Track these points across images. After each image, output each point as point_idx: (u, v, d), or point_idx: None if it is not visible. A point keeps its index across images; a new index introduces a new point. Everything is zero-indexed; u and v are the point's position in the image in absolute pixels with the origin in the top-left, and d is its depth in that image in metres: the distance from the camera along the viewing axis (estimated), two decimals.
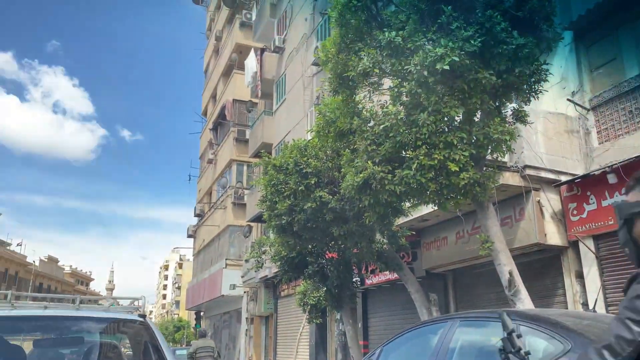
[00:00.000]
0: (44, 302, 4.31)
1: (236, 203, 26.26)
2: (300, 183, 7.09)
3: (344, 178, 6.58)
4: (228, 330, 28.42)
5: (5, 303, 4.07)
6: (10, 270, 65.31)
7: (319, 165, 7.23)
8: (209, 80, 36.49)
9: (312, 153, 7.51)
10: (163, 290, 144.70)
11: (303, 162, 7.22)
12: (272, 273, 19.11)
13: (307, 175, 7.18)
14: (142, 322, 4.11)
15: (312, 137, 7.58)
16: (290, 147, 7.64)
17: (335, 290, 9.26)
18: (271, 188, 7.67)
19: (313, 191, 7.11)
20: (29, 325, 4.13)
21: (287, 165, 7.34)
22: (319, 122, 6.85)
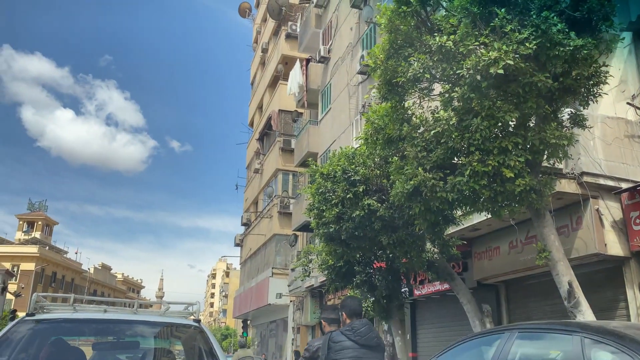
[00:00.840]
0: (104, 306, 4.42)
1: (282, 212, 26.47)
2: (348, 191, 7.05)
3: (392, 186, 6.50)
4: (275, 339, 28.55)
5: (68, 306, 4.20)
6: (67, 277, 68.19)
7: (367, 173, 7.17)
8: (256, 92, 37.12)
9: (359, 161, 7.46)
10: (211, 299, 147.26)
11: (351, 170, 7.17)
12: (319, 282, 19.11)
13: (355, 183, 7.13)
14: (197, 327, 4.16)
15: (360, 145, 7.53)
16: (338, 154, 7.62)
17: (384, 300, 9.13)
18: (319, 196, 7.66)
19: (361, 199, 7.05)
20: (90, 328, 4.20)
21: (335, 173, 7.32)
22: (367, 129, 6.81)
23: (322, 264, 9.45)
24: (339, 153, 7.62)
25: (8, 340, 3.48)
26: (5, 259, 51.00)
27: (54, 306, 4.27)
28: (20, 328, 3.65)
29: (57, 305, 4.34)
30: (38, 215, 69.75)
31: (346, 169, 7.20)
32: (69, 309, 4.16)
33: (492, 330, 4.74)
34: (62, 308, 4.25)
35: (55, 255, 66.16)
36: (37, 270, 57.59)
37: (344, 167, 7.22)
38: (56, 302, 4.75)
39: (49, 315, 3.98)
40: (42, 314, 3.96)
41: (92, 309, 4.45)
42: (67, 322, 3.99)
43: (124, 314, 4.39)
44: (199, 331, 4.14)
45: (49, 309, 4.17)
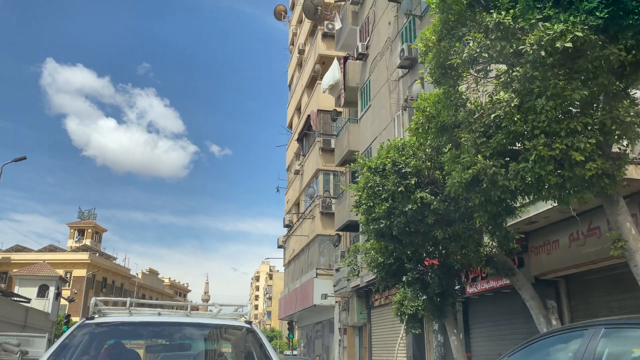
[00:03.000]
0: (158, 309, 4.57)
1: (324, 212, 26.27)
2: (400, 184, 6.72)
3: (446, 177, 6.15)
4: (321, 340, 28.37)
5: (124, 310, 4.32)
6: (116, 282, 70.18)
7: (418, 165, 6.82)
8: (294, 93, 37.13)
9: (409, 152, 7.12)
10: (255, 301, 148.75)
11: (402, 162, 6.84)
12: (365, 282, 18.78)
13: (407, 175, 6.80)
14: (249, 328, 4.21)
15: (410, 136, 7.20)
16: (387, 146, 7.29)
17: (437, 298, 8.75)
18: (367, 191, 7.37)
19: (413, 192, 6.71)
20: (146, 330, 4.31)
21: (384, 166, 7.01)
22: (418, 118, 6.47)
23: (371, 262, 9.14)
24: (388, 145, 7.29)
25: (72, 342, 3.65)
26: (59, 266, 52.87)
27: (110, 310, 4.40)
28: (81, 331, 3.79)
29: (113, 309, 4.48)
30: (88, 223, 72.10)
31: (396, 161, 6.86)
32: (125, 312, 4.30)
33: (573, 326, 4.32)
34: (119, 312, 4.38)
35: (105, 261, 68.21)
36: (88, 276, 59.48)
37: (394, 159, 6.88)
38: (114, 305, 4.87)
39: (107, 318, 4.12)
40: (101, 317, 4.10)
41: (146, 312, 4.55)
42: (124, 325, 4.12)
43: (177, 317, 4.47)
44: (251, 332, 4.19)
45: (106, 312, 4.31)
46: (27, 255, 59.54)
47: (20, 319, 29.94)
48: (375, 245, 8.75)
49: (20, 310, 30.44)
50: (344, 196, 23.37)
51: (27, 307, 31.29)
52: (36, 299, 35.95)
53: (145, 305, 4.86)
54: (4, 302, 27.80)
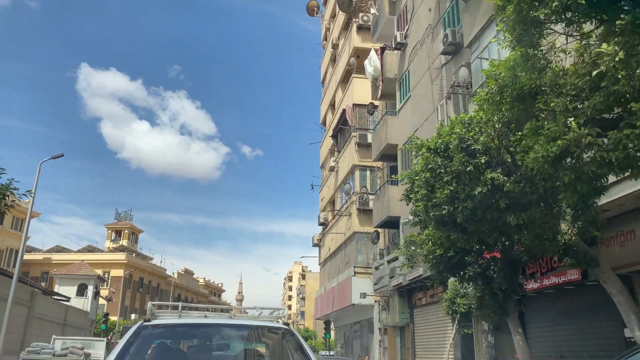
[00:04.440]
0: (204, 312, 4.94)
1: (361, 209, 25.54)
2: (468, 163, 5.95)
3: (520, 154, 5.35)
4: (360, 341, 27.62)
5: (175, 313, 4.67)
6: (153, 282, 70.99)
7: (487, 142, 6.03)
8: (327, 89, 36.51)
9: (476, 129, 6.34)
10: (288, 301, 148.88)
11: (470, 138, 6.07)
12: (407, 280, 17.98)
13: (475, 153, 6.02)
14: (287, 329, 4.51)
15: (475, 111, 6.42)
16: (452, 123, 6.51)
17: (500, 294, 7.93)
18: (427, 173, 6.63)
19: (483, 172, 5.94)
20: (198, 331, 4.68)
21: (449, 144, 6.24)
22: (490, 88, 5.70)
23: (427, 254, 8.37)
24: (453, 120, 6.50)
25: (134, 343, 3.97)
26: (97, 266, 53.69)
27: (163, 313, 4.77)
28: (142, 332, 4.14)
29: (165, 312, 4.86)
30: (124, 224, 73.23)
31: (464, 138, 6.08)
32: (175, 315, 4.63)
33: None
34: (170, 314, 4.76)
35: (141, 261, 69.06)
36: (125, 276, 60.24)
37: (461, 135, 6.11)
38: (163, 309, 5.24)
39: (161, 321, 4.47)
40: (155, 319, 4.43)
41: (194, 315, 4.87)
42: (177, 326, 4.52)
43: (222, 319, 4.80)
44: (289, 333, 4.47)
45: (158, 315, 4.63)
46: (66, 256, 60.73)
47: (60, 317, 30.26)
48: (433, 235, 7.99)
49: (61, 308, 30.77)
50: (383, 191, 22.59)
51: (67, 305, 31.62)
52: (75, 297, 36.38)
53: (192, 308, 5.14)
54: (45, 300, 28.10)
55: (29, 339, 24.78)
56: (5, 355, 20.93)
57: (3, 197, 11.66)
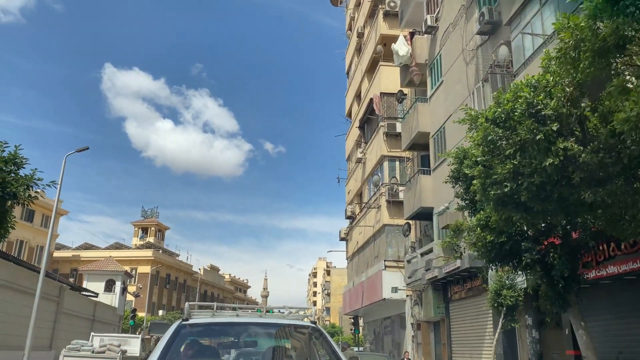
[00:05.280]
0: (236, 312, 5.12)
1: (391, 201, 24.73)
2: (537, 131, 5.18)
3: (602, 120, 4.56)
4: (391, 337, 26.86)
5: (209, 312, 4.90)
6: (179, 278, 71.33)
7: (558, 107, 5.23)
8: (352, 80, 35.72)
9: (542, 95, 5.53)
10: (313, 297, 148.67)
11: (540, 102, 5.28)
12: (443, 273, 17.16)
13: (546, 120, 5.24)
14: (314, 328, 4.67)
15: (541, 75, 5.62)
16: (516, 87, 5.69)
17: (560, 284, 7.13)
18: (486, 146, 5.87)
19: (554, 142, 5.17)
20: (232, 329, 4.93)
21: (512, 112, 5.46)
22: (563, 43, 4.91)
23: (476, 241, 7.61)
24: (519, 83, 5.70)
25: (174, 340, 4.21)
26: (125, 263, 54.02)
27: (196, 312, 4.95)
28: (181, 330, 4.37)
29: (199, 311, 5.04)
30: (151, 221, 73.73)
31: (532, 102, 5.30)
32: (208, 314, 4.86)
33: None
34: (204, 313, 4.94)
35: (168, 258, 69.42)
36: (152, 272, 60.56)
37: (529, 100, 5.32)
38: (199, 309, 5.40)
39: (197, 320, 4.66)
40: (191, 319, 4.61)
41: (226, 314, 5.06)
42: (213, 325, 4.73)
43: (253, 318, 5.06)
44: (317, 331, 4.64)
45: (193, 314, 4.78)
46: (94, 253, 61.38)
47: (89, 313, 30.25)
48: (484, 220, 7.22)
49: (89, 304, 30.76)
50: (414, 182, 21.77)
51: (95, 301, 31.63)
52: (103, 293, 36.47)
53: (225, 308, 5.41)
54: (74, 296, 28.07)
55: (58, 334, 24.74)
56: (35, 350, 20.84)
57: (27, 187, 11.26)
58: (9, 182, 10.72)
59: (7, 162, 11.14)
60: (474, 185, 6.44)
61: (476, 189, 6.36)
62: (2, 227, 11.53)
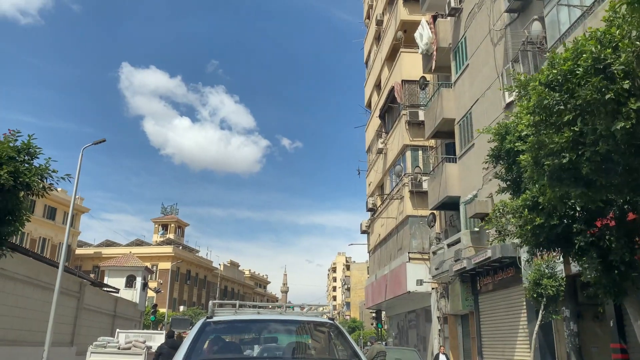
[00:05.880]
0: (257, 309, 5.35)
1: (414, 191, 23.98)
2: (606, 89, 4.47)
3: None
4: (416, 331, 26.18)
5: (231, 310, 5.14)
6: (200, 274, 71.47)
7: (629, 62, 4.49)
8: (372, 70, 34.95)
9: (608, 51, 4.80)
10: (333, 292, 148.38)
11: (609, 56, 4.55)
12: (473, 264, 16.42)
13: (614, 77, 4.53)
14: (332, 324, 4.92)
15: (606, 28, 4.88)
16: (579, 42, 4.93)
17: (623, 267, 6.41)
18: (538, 115, 5.18)
19: (625, 103, 4.48)
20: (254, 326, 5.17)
21: (573, 72, 4.75)
22: None
23: (524, 224, 6.91)
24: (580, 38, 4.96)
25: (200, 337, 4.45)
26: (145, 259, 54.14)
27: (220, 310, 5.15)
28: (206, 327, 4.60)
29: (223, 309, 5.25)
30: (170, 218, 73.97)
31: (599, 57, 4.58)
32: (231, 312, 5.10)
33: None
34: (227, 311, 5.16)
35: (188, 254, 69.58)
36: (172, 268, 60.69)
37: (595, 54, 4.60)
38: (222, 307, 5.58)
39: (221, 317, 4.89)
40: (215, 316, 4.85)
41: (248, 311, 5.29)
42: (236, 322, 4.98)
43: (274, 315, 5.26)
44: (334, 327, 4.87)
45: (216, 312, 4.99)
46: (116, 250, 61.75)
47: (110, 309, 30.17)
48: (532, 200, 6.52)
49: (110, 300, 30.69)
50: (439, 171, 21.02)
51: (116, 297, 31.55)
52: (124, 289, 36.43)
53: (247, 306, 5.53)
54: (94, 292, 27.97)
55: (80, 330, 24.61)
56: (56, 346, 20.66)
57: (41, 178, 10.83)
58: (22, 172, 10.29)
59: (20, 151, 10.72)
60: (523, 159, 5.75)
61: (526, 164, 5.67)
62: (18, 219, 11.14)
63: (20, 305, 19.00)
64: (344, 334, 4.73)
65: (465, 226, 18.87)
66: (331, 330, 4.93)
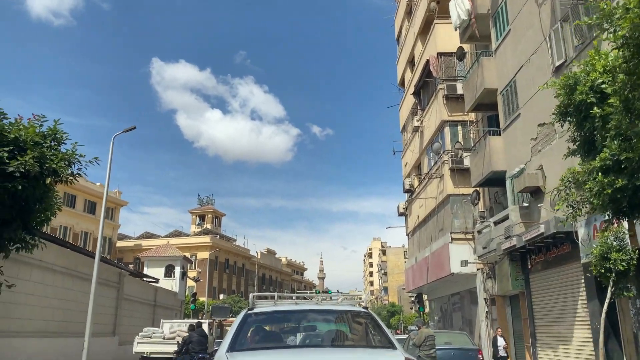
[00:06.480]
0: (295, 300, 5.67)
1: (455, 169, 22.89)
2: None
3: None
4: (460, 313, 25.23)
5: (270, 302, 5.55)
6: (238, 263, 71.94)
7: None
8: (403, 46, 33.71)
9: None
10: (369, 277, 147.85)
11: None
12: (524, 241, 15.37)
13: None
14: (366, 312, 5.24)
15: None
16: None
17: None
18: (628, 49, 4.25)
19: None
20: (292, 316, 5.47)
21: None
22: None
23: (601, 188, 5.95)
24: None
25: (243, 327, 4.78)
26: (184, 250, 54.66)
27: (260, 302, 5.49)
28: (248, 319, 4.92)
29: (262, 301, 5.61)
30: (207, 209, 74.58)
31: None
32: (270, 303, 5.52)
33: None
34: (267, 303, 5.53)
35: (225, 243, 70.07)
36: (211, 257, 61.14)
37: None
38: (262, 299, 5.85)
39: (261, 308, 5.21)
40: (256, 308, 5.17)
41: (286, 302, 5.58)
42: (276, 313, 5.29)
43: (310, 305, 5.65)
44: (368, 316, 5.16)
45: (257, 304, 5.32)
46: (155, 241, 62.65)
47: (150, 298, 30.31)
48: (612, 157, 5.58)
49: (150, 290, 30.85)
50: (482, 145, 19.88)
51: (156, 286, 31.70)
52: (163, 279, 36.66)
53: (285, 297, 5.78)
54: (134, 282, 28.08)
55: (121, 320, 24.69)
56: (98, 337, 20.69)
57: (68, 163, 10.40)
58: (48, 158, 9.87)
59: (46, 137, 10.31)
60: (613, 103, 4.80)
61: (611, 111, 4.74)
62: (48, 207, 10.77)
63: (61, 296, 19.02)
64: (377, 322, 4.97)
65: (513, 202, 17.77)
66: (365, 319, 5.14)
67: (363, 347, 4.98)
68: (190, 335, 13.81)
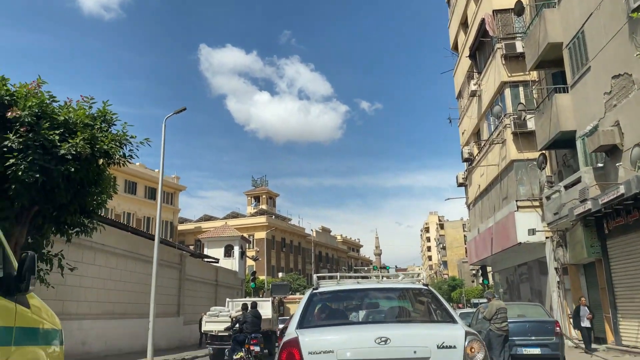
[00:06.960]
0: (356, 280, 6.27)
1: (518, 132, 21.51)
2: None
3: None
4: (528, 284, 24.04)
5: (333, 281, 5.98)
6: (294, 241, 72.59)
7: None
8: (455, 8, 32.02)
9: None
10: (427, 252, 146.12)
11: None
12: (600, 204, 14.14)
13: None
14: (426, 290, 5.35)
15: None
16: None
17: None
18: None
19: None
20: (354, 295, 5.66)
21: None
22: None
23: None
24: None
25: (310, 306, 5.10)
26: (242, 230, 55.54)
27: (324, 282, 5.90)
28: (313, 298, 5.24)
29: (325, 281, 5.98)
30: (261, 190, 75.44)
31: None
32: (333, 282, 5.93)
33: None
34: (330, 283, 5.95)
35: (281, 222, 70.77)
36: (267, 237, 61.88)
37: None
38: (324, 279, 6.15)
39: (325, 288, 5.57)
40: (320, 288, 5.51)
41: (348, 282, 5.95)
42: (339, 292, 5.63)
43: (371, 284, 6.04)
44: (428, 292, 5.28)
45: (320, 284, 5.72)
46: (214, 223, 64.04)
47: (211, 278, 30.83)
48: None
49: (211, 270, 31.38)
50: (548, 104, 18.48)
51: (216, 266, 32.21)
52: (223, 259, 37.28)
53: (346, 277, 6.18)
54: (195, 262, 28.58)
55: (184, 300, 25.19)
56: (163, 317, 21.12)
57: (119, 145, 10.26)
58: (99, 139, 9.74)
59: (96, 118, 10.20)
60: None
61: None
62: (103, 190, 10.72)
63: (125, 279, 19.46)
64: (438, 298, 5.10)
65: (585, 163, 16.43)
66: (426, 295, 5.28)
67: (424, 322, 5.09)
68: (244, 315, 13.59)
